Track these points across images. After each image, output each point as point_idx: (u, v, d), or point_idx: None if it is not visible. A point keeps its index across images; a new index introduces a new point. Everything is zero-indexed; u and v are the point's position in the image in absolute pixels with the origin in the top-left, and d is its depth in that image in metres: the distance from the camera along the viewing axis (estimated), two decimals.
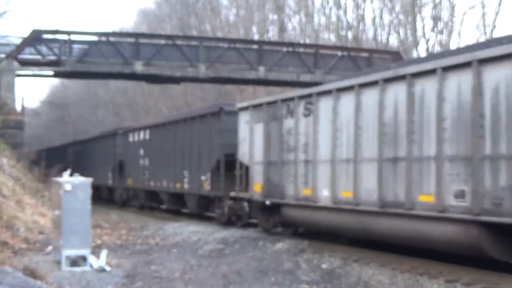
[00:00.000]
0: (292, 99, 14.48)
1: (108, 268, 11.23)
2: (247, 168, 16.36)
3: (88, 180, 11.61)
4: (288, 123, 14.47)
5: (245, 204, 17.17)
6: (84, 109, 66.34)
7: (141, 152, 25.83)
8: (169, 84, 35.08)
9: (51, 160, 38.16)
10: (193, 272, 11.25)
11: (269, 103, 15.39)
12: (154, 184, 24.04)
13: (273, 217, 15.54)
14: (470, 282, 9.35)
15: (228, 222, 17.91)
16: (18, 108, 28.66)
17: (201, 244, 14.81)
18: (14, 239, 13.30)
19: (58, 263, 11.29)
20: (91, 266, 11.26)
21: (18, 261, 10.96)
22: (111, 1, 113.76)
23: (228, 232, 16.49)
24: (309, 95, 13.90)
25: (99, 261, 11.52)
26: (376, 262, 11.25)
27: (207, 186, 18.88)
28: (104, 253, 12.16)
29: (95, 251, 12.33)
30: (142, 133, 26.04)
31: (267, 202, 15.26)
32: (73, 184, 11.33)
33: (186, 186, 20.67)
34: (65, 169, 13.15)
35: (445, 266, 10.60)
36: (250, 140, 16.05)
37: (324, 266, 11.67)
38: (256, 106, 15.97)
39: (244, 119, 16.53)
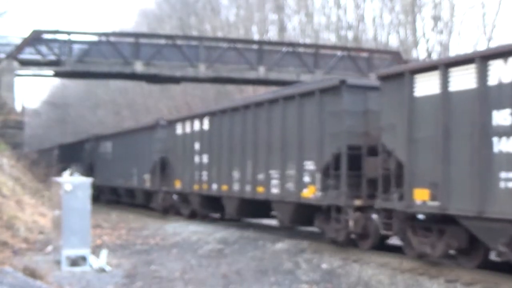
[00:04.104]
0: None
1: (108, 268, 11.23)
2: None
3: (88, 180, 11.64)
4: None
5: None
6: (84, 109, 66.20)
7: None
8: (169, 84, 35.05)
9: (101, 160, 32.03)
10: (193, 272, 11.25)
11: None
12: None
13: None
14: (470, 282, 9.36)
15: None
16: (18, 108, 28.65)
17: (201, 244, 14.80)
18: (14, 239, 13.30)
19: (58, 263, 11.30)
20: (91, 266, 11.26)
21: (18, 261, 10.96)
22: (111, 1, 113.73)
23: (228, 232, 16.47)
24: None
25: (99, 261, 11.51)
26: (376, 262, 11.24)
27: None
28: (104, 253, 12.15)
29: (95, 251, 12.33)
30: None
31: None
32: (73, 184, 11.35)
33: None
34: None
35: (445, 266, 10.60)
36: None
37: (324, 266, 11.66)
38: None
39: None
